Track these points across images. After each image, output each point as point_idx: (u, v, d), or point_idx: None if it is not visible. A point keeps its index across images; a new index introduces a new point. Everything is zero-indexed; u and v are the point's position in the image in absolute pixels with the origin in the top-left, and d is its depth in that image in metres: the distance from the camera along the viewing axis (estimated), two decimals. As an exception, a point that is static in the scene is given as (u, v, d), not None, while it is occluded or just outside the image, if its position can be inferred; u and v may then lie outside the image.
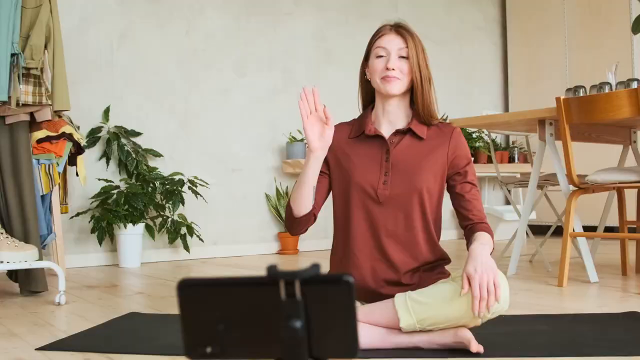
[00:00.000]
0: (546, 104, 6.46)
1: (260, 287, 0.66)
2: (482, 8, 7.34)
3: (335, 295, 0.66)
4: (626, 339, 2.10)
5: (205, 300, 0.67)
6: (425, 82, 2.18)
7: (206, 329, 0.67)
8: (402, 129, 2.20)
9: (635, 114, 3.05)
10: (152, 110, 5.02)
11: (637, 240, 3.85)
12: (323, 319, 0.66)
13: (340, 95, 6.01)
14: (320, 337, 0.66)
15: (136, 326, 2.52)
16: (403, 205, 2.13)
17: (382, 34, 2.20)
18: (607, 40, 6.35)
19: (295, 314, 0.65)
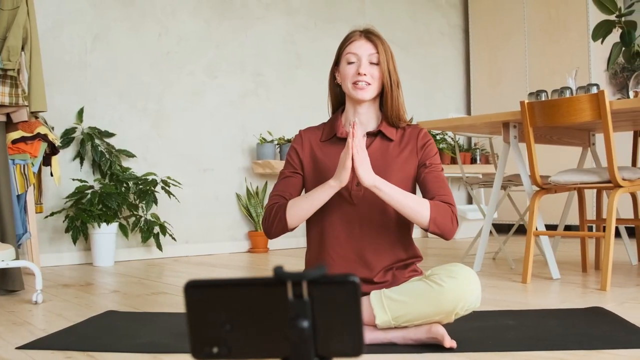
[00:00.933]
0: (507, 107, 6.56)
1: (268, 287, 0.65)
2: (446, 14, 7.40)
3: (341, 296, 0.66)
4: (592, 333, 2.14)
5: (211, 301, 0.66)
6: (394, 86, 2.19)
7: (213, 329, 0.67)
8: (372, 132, 2.21)
9: (596, 117, 3.10)
10: (125, 112, 4.97)
11: (596, 238, 3.92)
12: (329, 319, 0.66)
13: (310, 98, 6.04)
14: (326, 337, 0.66)
15: (115, 324, 2.49)
16: (376, 205, 2.14)
17: (353, 40, 2.20)
18: (565, 45, 6.45)
19: (302, 314, 0.65)
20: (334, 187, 2.04)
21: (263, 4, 5.81)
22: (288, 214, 2.10)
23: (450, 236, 2.10)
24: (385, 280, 2.16)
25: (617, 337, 2.07)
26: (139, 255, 4.96)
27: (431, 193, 2.13)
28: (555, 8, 6.53)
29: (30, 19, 3.06)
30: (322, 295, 0.66)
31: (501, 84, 7.06)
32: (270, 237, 2.19)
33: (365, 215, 2.15)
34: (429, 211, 2.02)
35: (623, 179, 3.17)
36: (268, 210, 2.16)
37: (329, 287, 0.66)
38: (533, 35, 6.75)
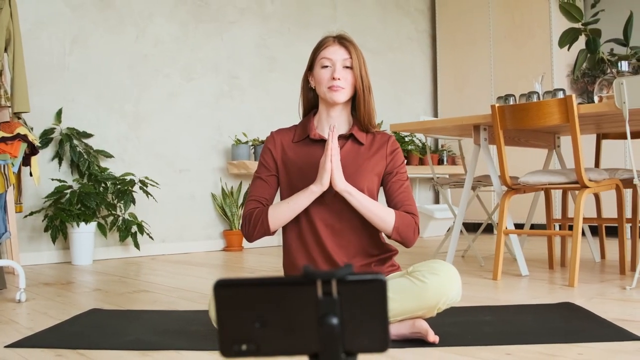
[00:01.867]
0: (473, 110, 6.64)
1: (297, 286, 0.65)
2: (414, 20, 7.44)
3: (368, 293, 0.66)
4: (566, 328, 2.17)
5: (241, 299, 0.66)
6: (366, 90, 2.21)
7: (242, 327, 0.67)
8: (344, 134, 2.23)
9: (564, 121, 3.14)
10: (103, 113, 4.91)
11: (562, 236, 3.98)
12: (356, 316, 0.66)
13: (283, 101, 6.04)
14: (353, 333, 0.66)
15: (101, 322, 2.46)
16: (347, 204, 2.14)
17: (327, 45, 2.21)
18: (529, 51, 6.53)
19: (331, 312, 0.65)
20: (316, 193, 2.08)
21: (238, 8, 5.79)
22: (270, 219, 2.13)
23: (410, 245, 2.18)
24: (366, 277, 2.17)
25: (591, 331, 2.11)
26: (117, 254, 4.91)
27: (397, 202, 2.18)
28: (520, 15, 6.62)
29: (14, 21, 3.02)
30: (350, 293, 0.66)
31: (467, 87, 7.13)
32: (250, 241, 2.20)
33: (336, 214, 2.16)
34: (394, 220, 2.09)
35: (589, 179, 3.22)
36: (248, 215, 2.17)
37: (357, 285, 0.66)
38: (498, 41, 6.83)
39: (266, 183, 2.22)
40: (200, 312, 2.61)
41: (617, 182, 3.42)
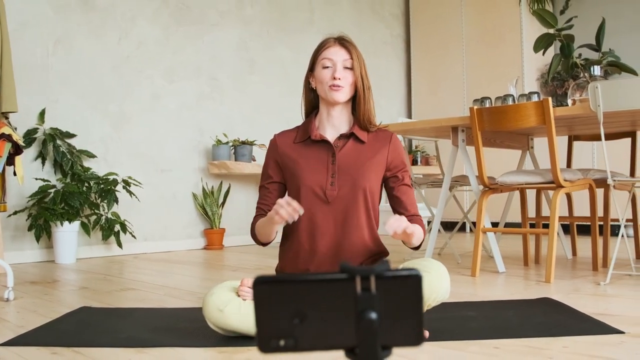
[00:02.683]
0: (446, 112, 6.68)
1: (336, 282, 0.65)
2: (389, 25, 7.47)
3: (405, 289, 0.66)
4: (548, 322, 2.19)
5: (280, 296, 0.66)
6: (366, 90, 2.22)
7: (280, 323, 0.66)
8: (345, 134, 2.23)
9: (540, 122, 3.18)
10: (86, 113, 4.85)
11: (536, 234, 4.02)
12: (393, 311, 0.66)
13: (262, 102, 6.03)
14: (390, 328, 0.66)
15: (92, 320, 2.42)
16: (349, 204, 2.16)
17: (328, 46, 2.21)
18: (500, 56, 6.60)
19: (370, 307, 0.65)
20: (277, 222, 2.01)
21: (218, 11, 5.76)
22: (258, 236, 2.23)
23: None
24: (356, 275, 2.17)
25: (572, 325, 2.13)
26: (100, 253, 4.85)
27: (405, 208, 2.21)
28: (491, 21, 6.68)
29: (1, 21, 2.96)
30: (387, 288, 0.66)
31: (440, 90, 7.18)
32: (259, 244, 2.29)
33: (338, 214, 2.16)
34: (422, 234, 2.11)
35: (565, 179, 3.26)
36: (252, 224, 2.27)
37: (394, 281, 0.66)
38: (470, 46, 6.88)
39: (268, 191, 2.28)
40: (190, 310, 2.59)
41: (590, 182, 3.47)
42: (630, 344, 1.88)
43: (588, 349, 1.82)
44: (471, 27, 6.87)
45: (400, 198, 2.23)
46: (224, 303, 2.01)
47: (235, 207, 5.81)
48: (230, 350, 1.93)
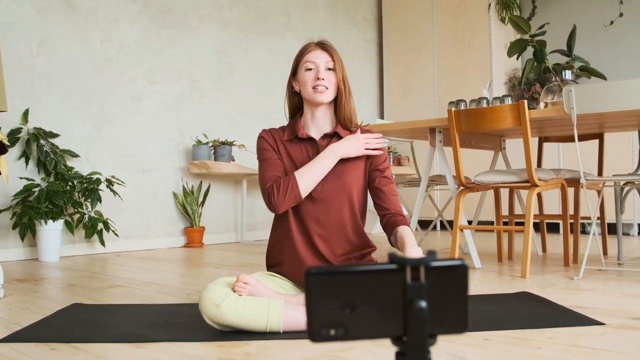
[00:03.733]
0: (417, 115, 6.73)
1: (386, 273, 0.65)
2: (362, 29, 7.50)
3: (452, 278, 0.67)
4: (531, 315, 2.22)
5: (332, 286, 0.66)
6: (347, 92, 2.25)
7: (331, 313, 0.66)
8: (329, 133, 2.25)
9: (516, 124, 3.22)
10: (69, 114, 4.78)
11: (509, 231, 4.07)
12: (440, 299, 0.67)
13: (240, 104, 6.00)
14: (437, 316, 0.67)
15: (86, 316, 2.39)
16: (334, 200, 2.18)
17: (310, 50, 2.23)
18: (470, 60, 6.66)
19: (420, 296, 0.65)
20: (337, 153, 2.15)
21: (198, 15, 5.72)
22: (299, 183, 2.12)
23: None
24: (346, 270, 2.18)
25: (554, 317, 2.17)
26: (82, 251, 4.79)
27: (389, 205, 2.23)
28: (461, 27, 6.74)
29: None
30: (435, 278, 0.67)
31: (412, 93, 7.22)
32: (279, 210, 2.15)
33: (322, 209, 2.18)
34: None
35: (539, 179, 3.31)
36: (274, 185, 2.14)
37: (442, 271, 0.67)
38: (441, 50, 6.94)
39: (275, 161, 2.22)
40: (183, 306, 2.58)
41: (562, 181, 3.52)
42: (611, 334, 1.92)
43: (572, 340, 1.86)
44: (442, 33, 6.93)
45: (381, 190, 2.25)
46: (220, 298, 2.00)
47: (215, 206, 5.78)
48: (228, 344, 1.92)
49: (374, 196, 2.27)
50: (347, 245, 2.21)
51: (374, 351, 1.80)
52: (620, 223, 3.49)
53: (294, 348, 1.86)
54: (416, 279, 0.66)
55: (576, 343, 1.82)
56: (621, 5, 6.14)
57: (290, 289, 2.23)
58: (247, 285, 2.05)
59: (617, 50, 6.19)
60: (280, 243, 2.26)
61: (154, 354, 1.82)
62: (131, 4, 5.20)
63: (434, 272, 0.66)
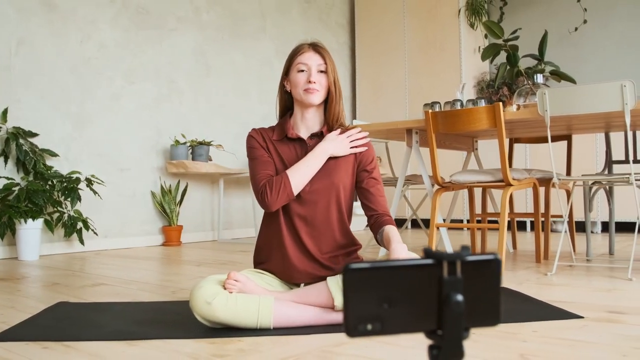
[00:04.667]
0: (389, 117, 6.76)
1: (424, 268, 0.65)
2: (335, 33, 7.50)
3: (486, 272, 0.67)
4: (514, 309, 2.23)
5: (370, 282, 0.65)
6: (338, 93, 2.23)
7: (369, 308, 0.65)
8: (316, 132, 2.23)
9: (492, 125, 3.25)
10: (48, 113, 4.68)
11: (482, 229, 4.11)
12: (474, 293, 0.66)
13: (217, 104, 5.95)
14: (471, 309, 0.67)
15: (74, 314, 2.34)
16: (321, 199, 2.17)
17: (302, 52, 2.21)
18: (440, 64, 6.71)
19: (457, 290, 0.65)
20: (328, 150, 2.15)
21: (176, 16, 5.66)
22: (292, 181, 2.10)
23: None
24: (332, 266, 2.18)
25: (535, 311, 2.19)
26: (61, 250, 4.70)
27: (378, 207, 2.22)
28: (432, 31, 6.78)
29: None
30: (471, 272, 0.66)
31: (383, 96, 7.25)
32: (272, 209, 2.13)
33: (311, 208, 2.17)
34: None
35: (513, 178, 3.34)
36: (266, 184, 2.12)
37: (477, 265, 0.66)
38: (412, 54, 6.98)
39: (266, 160, 2.20)
40: (169, 303, 2.54)
41: (534, 180, 3.56)
42: (591, 327, 1.95)
43: (556, 333, 1.87)
44: (413, 37, 6.96)
45: (369, 191, 2.24)
46: (211, 296, 1.97)
47: (192, 205, 5.72)
48: (220, 341, 1.89)
49: (362, 197, 2.26)
50: (334, 244, 2.21)
51: (366, 345, 1.79)
52: (589, 221, 3.54)
53: (287, 344, 1.84)
54: (453, 273, 0.65)
55: (560, 336, 1.84)
56: (585, 12, 6.25)
57: (278, 286, 2.22)
58: (237, 282, 2.03)
59: (580, 55, 6.29)
60: (269, 241, 2.24)
61: (147, 352, 1.79)
62: (110, 4, 5.12)
63: (469, 267, 0.66)
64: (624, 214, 5.38)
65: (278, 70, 6.66)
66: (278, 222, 2.19)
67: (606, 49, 6.19)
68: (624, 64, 6.10)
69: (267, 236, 2.26)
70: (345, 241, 2.23)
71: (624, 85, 2.84)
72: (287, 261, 2.18)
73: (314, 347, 1.80)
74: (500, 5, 6.69)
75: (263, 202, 2.12)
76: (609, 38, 6.17)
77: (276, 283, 2.22)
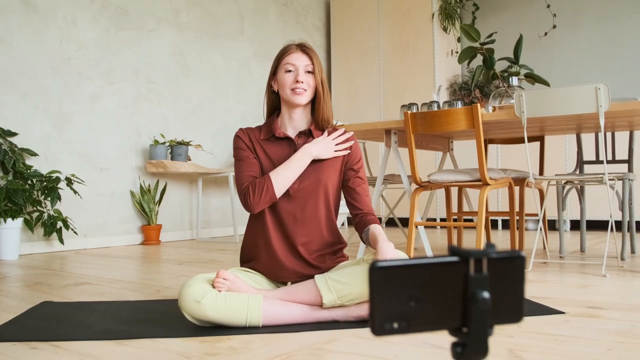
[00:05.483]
0: (363, 117, 6.76)
1: (450, 265, 0.63)
2: (311, 35, 7.48)
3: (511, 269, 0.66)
4: (496, 306, 2.24)
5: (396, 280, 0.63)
6: (325, 94, 2.21)
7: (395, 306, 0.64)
8: (304, 131, 2.21)
9: (470, 126, 3.26)
10: (27, 112, 4.58)
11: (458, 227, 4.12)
12: (499, 290, 0.65)
13: (196, 105, 5.89)
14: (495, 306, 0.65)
15: (59, 314, 2.28)
16: (309, 197, 2.15)
17: (290, 52, 2.18)
18: (413, 67, 6.73)
19: (484, 287, 0.64)
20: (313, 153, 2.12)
21: (155, 17, 5.59)
22: (274, 184, 2.08)
23: None
24: (319, 265, 2.16)
25: (517, 308, 2.19)
26: (41, 249, 4.60)
27: (363, 206, 2.21)
28: (406, 35, 6.80)
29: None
30: (496, 269, 0.65)
31: (358, 97, 7.25)
32: (255, 211, 2.10)
33: (299, 206, 2.15)
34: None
35: (490, 178, 3.36)
36: (250, 187, 2.09)
37: (503, 262, 0.65)
38: (386, 57, 6.99)
39: (251, 161, 2.17)
40: (155, 302, 2.50)
41: (510, 180, 3.58)
42: (573, 322, 1.96)
43: (539, 328, 1.88)
44: (387, 40, 6.97)
45: (355, 190, 2.23)
46: (200, 295, 1.94)
47: (171, 204, 5.66)
48: (211, 339, 1.86)
49: (348, 195, 2.24)
50: (321, 242, 2.19)
51: (356, 343, 1.78)
52: (561, 219, 3.58)
53: (278, 341, 1.82)
54: (479, 270, 0.64)
55: (544, 331, 1.85)
56: (554, 18, 6.33)
57: (265, 284, 2.19)
58: (226, 281, 2.00)
59: (550, 59, 6.36)
60: (256, 239, 2.21)
61: (138, 351, 1.75)
62: (89, 5, 5.03)
63: (495, 264, 0.65)
64: (591, 213, 5.46)
65: (256, 71, 6.62)
66: (265, 220, 2.16)
67: (574, 53, 6.27)
68: (592, 68, 6.19)
69: (254, 234, 2.23)
70: (333, 239, 2.22)
71: (599, 88, 2.87)
72: (275, 260, 2.16)
73: (305, 344, 1.78)
74: (473, 10, 6.74)
75: (246, 204, 2.10)
76: (577, 42, 6.26)
77: (263, 281, 2.20)
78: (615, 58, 6.05)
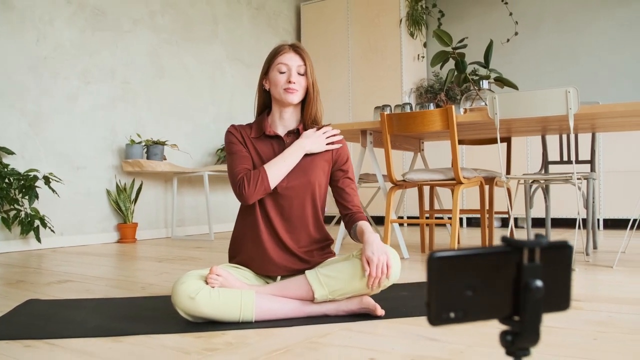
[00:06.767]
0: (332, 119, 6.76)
1: (505, 255, 0.63)
2: (282, 39, 7.44)
3: (561, 258, 0.65)
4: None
5: (453, 270, 0.62)
6: (316, 94, 2.20)
7: (452, 296, 0.63)
8: (293, 130, 2.19)
9: (444, 127, 3.28)
10: (4, 111, 4.45)
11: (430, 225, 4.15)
12: (549, 279, 0.65)
13: (171, 105, 5.80)
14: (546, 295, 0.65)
15: (48, 312, 2.21)
16: (297, 195, 2.13)
17: (283, 52, 2.16)
18: (382, 71, 6.75)
19: (537, 276, 0.63)
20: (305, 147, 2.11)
21: (132, 19, 5.49)
22: (269, 175, 2.05)
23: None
24: (308, 259, 2.14)
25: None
26: (17, 247, 4.47)
27: (352, 206, 2.20)
28: (374, 39, 6.82)
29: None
30: (547, 258, 0.65)
31: (327, 99, 7.24)
32: (249, 202, 2.07)
33: (287, 204, 2.13)
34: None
35: (463, 177, 3.38)
36: (244, 177, 2.06)
37: (553, 251, 0.65)
38: (355, 61, 7.00)
39: (244, 153, 2.14)
40: (143, 299, 2.44)
41: (481, 179, 3.62)
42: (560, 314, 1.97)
43: (524, 320, 1.89)
44: (356, 44, 6.99)
45: (344, 190, 2.22)
46: (194, 291, 1.91)
47: (147, 203, 5.56)
48: (206, 335, 1.83)
49: (337, 195, 2.23)
50: (308, 238, 2.17)
51: (350, 336, 1.77)
52: (529, 217, 3.63)
53: (273, 336, 1.79)
54: (532, 260, 0.63)
55: (529, 323, 1.86)
56: (516, 25, 6.42)
57: (254, 280, 2.16)
58: (219, 277, 1.97)
59: (513, 65, 6.46)
60: (245, 235, 2.18)
61: (135, 348, 1.71)
62: (66, 5, 4.91)
63: (546, 253, 0.64)
64: (555, 211, 5.55)
65: (229, 73, 6.56)
66: (255, 217, 2.13)
67: (535, 58, 6.38)
68: (552, 73, 6.30)
69: (243, 230, 2.19)
70: (319, 236, 2.20)
71: (569, 92, 2.92)
72: (264, 254, 2.13)
73: (301, 338, 1.76)
74: (439, 17, 6.79)
75: (240, 195, 2.06)
76: (537, 48, 6.36)
77: (251, 277, 2.16)
78: (573, 63, 6.17)
